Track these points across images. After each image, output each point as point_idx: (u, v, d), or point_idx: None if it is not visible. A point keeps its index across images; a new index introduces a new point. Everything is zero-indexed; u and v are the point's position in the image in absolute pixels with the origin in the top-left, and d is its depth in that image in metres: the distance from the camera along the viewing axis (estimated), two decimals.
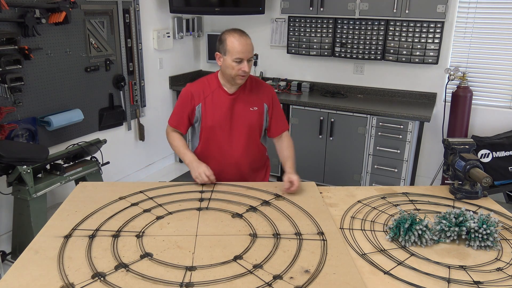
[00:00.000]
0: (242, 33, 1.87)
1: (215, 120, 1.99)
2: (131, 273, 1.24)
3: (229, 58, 1.86)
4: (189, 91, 2.01)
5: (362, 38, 3.73)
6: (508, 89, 3.47)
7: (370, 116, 3.41)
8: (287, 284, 1.20)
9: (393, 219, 1.50)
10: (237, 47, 1.83)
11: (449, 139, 1.89)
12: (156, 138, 4.19)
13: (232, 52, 1.84)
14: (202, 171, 1.87)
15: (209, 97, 1.99)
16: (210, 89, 2.00)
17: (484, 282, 1.23)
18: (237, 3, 4.11)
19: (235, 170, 2.05)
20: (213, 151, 2.04)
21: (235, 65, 1.86)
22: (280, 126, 2.09)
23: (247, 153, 2.04)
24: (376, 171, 3.50)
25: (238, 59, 1.84)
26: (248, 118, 2.00)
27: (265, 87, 2.07)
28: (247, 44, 1.85)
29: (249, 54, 1.87)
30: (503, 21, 3.35)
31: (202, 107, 1.99)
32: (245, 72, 1.87)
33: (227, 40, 1.86)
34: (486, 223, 1.42)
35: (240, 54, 1.83)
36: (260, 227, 1.52)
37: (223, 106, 1.98)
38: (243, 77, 1.90)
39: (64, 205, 1.67)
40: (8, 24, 2.60)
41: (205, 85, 2.02)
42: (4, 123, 2.64)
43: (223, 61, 1.90)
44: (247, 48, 1.85)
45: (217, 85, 1.99)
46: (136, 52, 3.67)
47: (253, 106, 2.01)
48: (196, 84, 2.04)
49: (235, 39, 1.84)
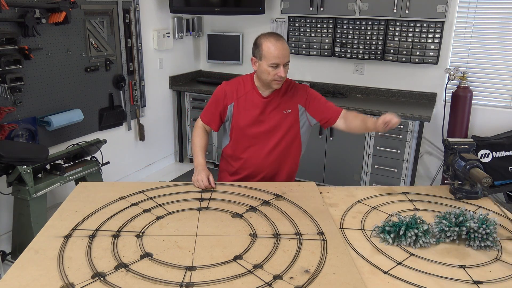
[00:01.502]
0: (278, 37, 1.83)
1: (246, 121, 1.96)
2: (131, 273, 1.24)
3: (265, 63, 1.83)
4: (223, 89, 1.99)
5: (362, 38, 3.73)
6: (508, 89, 3.47)
7: (370, 116, 3.40)
8: (287, 284, 1.20)
9: (377, 226, 1.49)
10: (273, 52, 1.80)
11: (449, 139, 1.89)
12: (156, 138, 4.19)
13: (268, 57, 1.81)
14: (201, 178, 1.83)
15: (243, 97, 1.96)
16: (244, 90, 1.97)
17: (483, 281, 1.23)
18: (237, 3, 4.11)
19: (261, 173, 2.03)
20: (242, 152, 2.03)
21: (271, 70, 1.83)
22: (332, 112, 1.98)
23: (276, 157, 2.01)
24: (376, 171, 3.50)
25: (274, 64, 1.81)
26: (280, 122, 1.97)
27: (299, 88, 2.02)
28: (283, 48, 1.82)
29: (285, 58, 1.83)
30: (503, 21, 3.35)
31: (235, 107, 1.97)
32: (281, 77, 1.84)
33: (262, 45, 1.83)
34: (485, 223, 1.42)
35: (276, 59, 1.80)
36: (260, 227, 1.52)
37: (256, 108, 1.96)
38: (279, 82, 1.87)
39: (64, 205, 1.67)
40: (8, 24, 2.60)
41: (240, 85, 1.99)
42: (4, 123, 2.64)
43: (259, 66, 1.87)
44: (283, 52, 1.81)
45: (251, 86, 1.97)
46: (136, 52, 3.67)
47: (287, 109, 1.97)
48: (231, 83, 2.01)
49: (271, 43, 1.81)
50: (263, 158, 2.01)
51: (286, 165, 2.06)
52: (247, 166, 2.04)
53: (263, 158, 2.01)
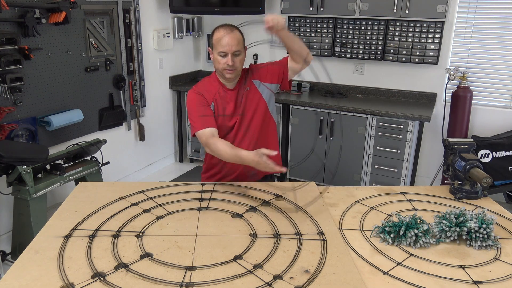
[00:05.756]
0: (227, 27, 1.85)
1: (227, 117, 1.96)
2: (131, 273, 1.24)
3: (215, 52, 1.86)
4: (198, 92, 1.96)
5: (362, 38, 3.73)
6: (508, 89, 3.47)
7: (370, 116, 3.41)
8: (287, 284, 1.20)
9: (377, 226, 1.49)
10: (220, 41, 1.82)
11: (449, 139, 1.89)
12: (156, 138, 4.19)
13: (216, 46, 1.85)
14: (264, 165, 1.61)
15: (217, 95, 1.96)
16: (215, 89, 1.97)
17: (483, 281, 1.23)
18: (237, 3, 4.12)
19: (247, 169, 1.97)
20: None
21: (220, 59, 1.85)
22: (280, 65, 1.99)
23: (261, 144, 1.98)
24: (376, 171, 3.50)
25: (222, 52, 1.83)
26: (255, 110, 1.97)
27: (249, 69, 2.02)
28: (231, 38, 1.82)
29: (233, 47, 1.82)
30: (503, 21, 3.35)
31: (215, 106, 1.95)
32: (229, 66, 1.84)
33: (213, 35, 1.87)
34: (485, 222, 1.42)
35: (223, 47, 1.82)
36: (260, 227, 1.52)
37: (230, 103, 1.95)
38: (230, 71, 1.87)
39: (64, 205, 1.66)
40: (8, 24, 2.60)
41: (209, 85, 1.99)
42: (4, 123, 2.64)
43: (212, 56, 1.90)
44: (231, 41, 1.81)
45: (218, 83, 1.98)
46: (136, 52, 3.67)
47: (255, 95, 1.97)
48: (200, 86, 1.99)
49: (220, 33, 1.84)
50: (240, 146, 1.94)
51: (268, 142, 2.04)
52: (231, 165, 1.97)
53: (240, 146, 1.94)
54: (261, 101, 2.00)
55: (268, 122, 2.05)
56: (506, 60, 3.41)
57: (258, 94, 1.99)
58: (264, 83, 2.01)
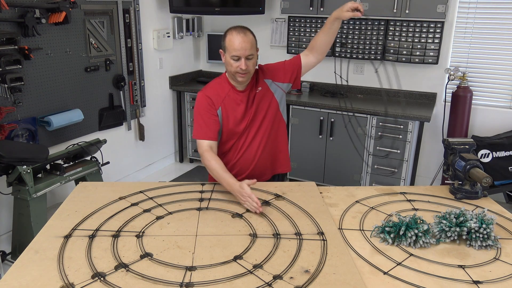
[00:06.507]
0: (241, 30, 1.82)
1: (235, 121, 1.93)
2: (131, 273, 1.24)
3: (228, 55, 1.83)
4: (206, 96, 1.93)
5: (362, 38, 3.73)
6: (508, 89, 3.47)
7: (370, 116, 3.41)
8: (287, 284, 1.20)
9: (377, 226, 1.49)
10: (234, 45, 1.79)
11: (449, 139, 1.89)
12: (156, 138, 4.19)
13: (229, 50, 1.81)
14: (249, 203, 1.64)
15: (226, 98, 1.93)
16: (225, 91, 1.94)
17: (483, 281, 1.23)
18: (237, 3, 4.11)
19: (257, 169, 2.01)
20: (234, 155, 2.00)
21: (233, 63, 1.82)
22: (294, 63, 1.99)
23: (270, 149, 2.00)
24: (376, 171, 3.50)
25: (235, 56, 1.80)
26: (262, 108, 1.95)
27: (260, 70, 2.00)
28: (244, 41, 1.79)
29: (246, 51, 1.79)
30: (503, 21, 3.35)
31: (223, 110, 1.92)
32: (242, 70, 1.81)
33: (226, 37, 1.83)
34: (485, 222, 1.42)
35: (236, 51, 1.79)
36: (260, 227, 1.52)
37: (241, 104, 1.93)
38: (242, 75, 1.84)
39: (64, 205, 1.67)
40: (8, 24, 2.60)
41: (219, 87, 1.95)
42: (4, 123, 2.64)
43: (225, 58, 1.87)
44: (244, 45, 1.79)
45: (229, 86, 1.94)
46: (136, 52, 3.67)
47: (267, 95, 1.96)
48: (210, 88, 1.96)
49: (233, 36, 1.80)
50: (256, 154, 1.98)
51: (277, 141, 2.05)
52: (240, 167, 2.01)
53: (257, 154, 1.98)
54: (273, 101, 1.98)
55: (279, 122, 2.04)
56: (506, 60, 3.41)
57: (270, 94, 1.98)
58: (276, 82, 1.99)
